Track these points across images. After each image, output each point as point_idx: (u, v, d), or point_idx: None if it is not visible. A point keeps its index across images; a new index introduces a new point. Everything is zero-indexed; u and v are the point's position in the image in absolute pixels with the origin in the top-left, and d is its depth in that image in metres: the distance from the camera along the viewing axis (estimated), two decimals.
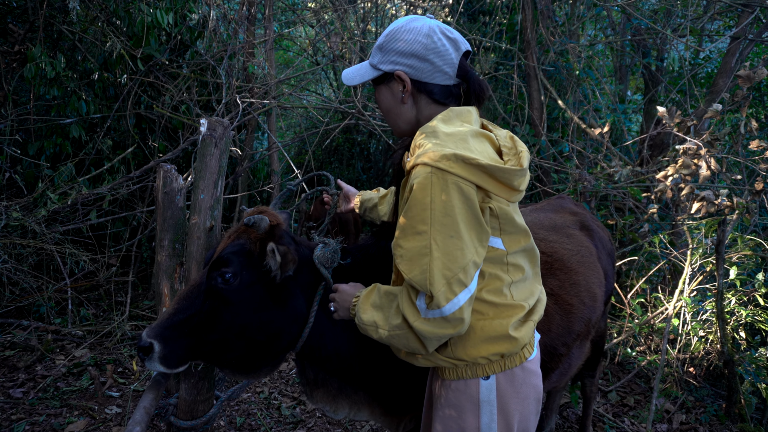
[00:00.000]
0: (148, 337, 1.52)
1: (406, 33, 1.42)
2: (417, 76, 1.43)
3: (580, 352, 2.28)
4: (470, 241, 1.28)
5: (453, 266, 1.26)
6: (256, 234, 1.63)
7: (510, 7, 5.65)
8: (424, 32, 1.41)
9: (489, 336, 1.39)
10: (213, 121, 2.00)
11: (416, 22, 1.43)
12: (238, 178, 5.07)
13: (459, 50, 1.44)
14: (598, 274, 2.37)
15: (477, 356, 1.40)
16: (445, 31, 1.43)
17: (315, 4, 7.64)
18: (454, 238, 1.26)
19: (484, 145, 1.38)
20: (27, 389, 3.23)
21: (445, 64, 1.42)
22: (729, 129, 3.61)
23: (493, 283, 1.40)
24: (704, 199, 3.37)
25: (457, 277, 1.27)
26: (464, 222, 1.28)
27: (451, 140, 1.31)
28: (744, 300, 3.61)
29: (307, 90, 7.20)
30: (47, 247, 3.70)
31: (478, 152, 1.32)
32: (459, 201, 1.27)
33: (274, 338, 1.64)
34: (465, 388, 1.44)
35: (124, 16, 4.19)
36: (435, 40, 1.40)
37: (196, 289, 1.59)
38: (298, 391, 3.57)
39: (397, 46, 1.43)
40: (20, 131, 4.23)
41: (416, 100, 1.47)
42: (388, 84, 1.48)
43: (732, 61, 4.78)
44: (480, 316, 1.40)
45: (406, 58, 1.42)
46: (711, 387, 3.79)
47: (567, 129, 5.07)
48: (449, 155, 1.26)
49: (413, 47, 1.41)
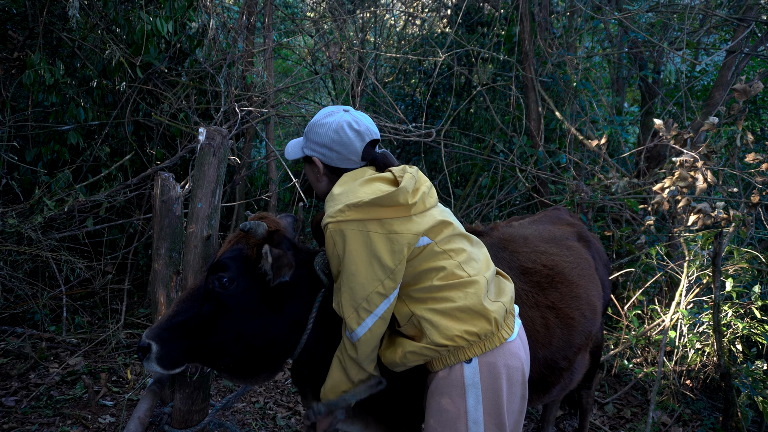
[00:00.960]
0: (147, 337, 1.57)
1: (320, 127, 1.71)
2: (328, 162, 1.73)
3: (581, 366, 2.28)
4: (372, 275, 1.53)
5: (357, 296, 1.54)
6: (254, 239, 1.65)
7: (508, 18, 5.68)
8: (333, 128, 1.68)
9: (459, 315, 1.55)
10: (211, 130, 2.00)
11: (330, 118, 1.71)
12: (235, 186, 5.07)
13: (363, 141, 1.70)
14: (597, 286, 2.37)
15: (453, 335, 1.53)
16: (353, 124, 1.69)
17: (314, 14, 7.68)
18: (355, 275, 1.53)
19: (373, 185, 1.61)
20: (20, 398, 3.20)
21: (350, 153, 1.69)
22: (725, 142, 3.63)
23: (441, 271, 1.58)
24: (701, 212, 3.38)
25: (361, 305, 1.54)
26: (364, 261, 1.53)
27: (342, 197, 1.58)
28: (740, 312, 3.61)
29: (306, 99, 7.22)
30: (43, 254, 3.68)
31: (366, 194, 1.55)
32: (356, 245, 1.53)
33: (270, 344, 1.65)
34: (450, 374, 1.57)
35: (124, 24, 4.20)
36: (341, 134, 1.68)
37: (196, 292, 1.62)
38: (294, 402, 3.54)
39: (313, 137, 1.73)
40: (18, 137, 4.22)
41: (330, 179, 1.75)
42: (310, 163, 1.79)
43: (728, 74, 4.81)
44: (446, 301, 1.56)
45: (319, 147, 1.72)
46: (708, 400, 3.78)
47: (564, 140, 5.09)
48: (342, 208, 1.53)
49: (323, 140, 1.70)
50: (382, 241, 1.53)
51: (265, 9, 5.27)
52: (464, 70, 5.61)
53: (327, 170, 1.74)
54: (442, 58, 5.01)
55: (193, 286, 1.66)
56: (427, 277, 1.58)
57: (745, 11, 4.65)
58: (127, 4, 4.64)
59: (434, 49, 5.73)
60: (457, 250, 1.63)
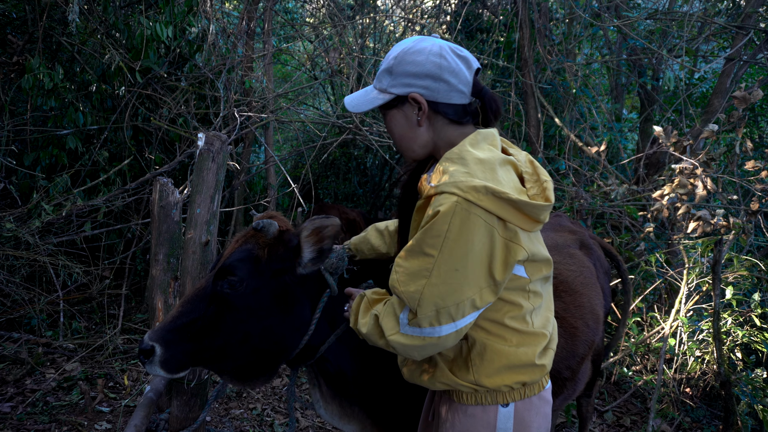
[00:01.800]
0: (150, 340, 1.51)
1: (416, 54, 1.36)
2: (433, 97, 1.37)
3: (584, 375, 2.27)
4: (475, 281, 1.25)
5: (447, 298, 1.24)
6: (264, 239, 1.61)
7: (507, 25, 5.70)
8: (436, 51, 1.36)
9: (513, 364, 1.36)
10: (211, 136, 1.99)
11: (425, 42, 1.38)
12: (234, 191, 5.06)
13: (471, 68, 1.39)
14: (599, 294, 2.36)
15: (501, 384, 1.37)
16: (455, 50, 1.39)
17: (314, 20, 7.70)
18: (459, 272, 1.23)
19: (510, 173, 1.34)
20: (15, 403, 3.18)
21: (460, 83, 1.37)
22: (724, 149, 3.64)
23: (515, 310, 1.36)
24: (700, 219, 3.38)
25: (447, 310, 1.25)
26: (476, 261, 1.24)
27: (480, 169, 1.27)
28: (740, 320, 3.60)
29: (305, 104, 7.22)
30: (40, 259, 3.67)
31: (506, 183, 1.28)
32: (479, 239, 1.23)
33: (276, 345, 1.63)
34: (482, 414, 1.40)
35: (124, 28, 4.21)
36: (448, 59, 1.35)
37: (201, 293, 1.58)
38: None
39: (409, 68, 1.37)
40: (16, 141, 4.22)
41: (432, 121, 1.41)
42: (400, 108, 1.42)
43: (727, 81, 4.83)
44: (504, 343, 1.37)
45: (419, 79, 1.36)
46: (708, 408, 3.76)
47: (564, 147, 5.09)
48: (479, 187, 1.22)
49: (426, 67, 1.35)
50: (501, 247, 1.26)
51: (265, 14, 5.28)
52: None
53: (431, 110, 1.39)
54: None
55: (198, 286, 1.61)
56: (500, 309, 1.36)
57: (744, 19, 4.67)
58: (127, 9, 4.65)
59: None
60: (537, 294, 1.42)
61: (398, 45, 1.41)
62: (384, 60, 1.43)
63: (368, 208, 7.89)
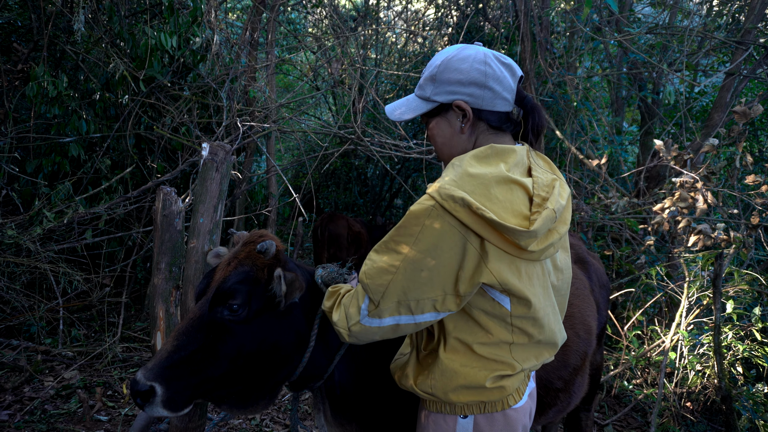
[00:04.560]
0: (146, 379, 1.39)
1: (460, 62, 1.36)
2: (477, 105, 1.37)
3: (579, 388, 2.26)
4: (440, 285, 1.26)
5: (409, 293, 1.27)
6: (263, 260, 1.56)
7: (509, 38, 5.74)
8: (480, 59, 1.36)
9: (470, 384, 1.35)
10: (215, 145, 2.00)
11: (469, 50, 1.37)
12: (235, 200, 5.07)
13: (515, 75, 1.39)
14: (591, 306, 2.37)
15: (455, 400, 1.37)
16: (499, 57, 1.39)
17: (316, 31, 7.75)
18: (424, 273, 1.26)
19: (511, 193, 1.29)
20: (13, 411, 3.16)
21: (504, 90, 1.36)
22: (724, 163, 3.65)
23: (487, 338, 1.35)
24: (701, 233, 3.39)
25: (407, 303, 1.28)
26: (443, 267, 1.25)
27: (469, 182, 1.25)
28: (741, 334, 3.59)
29: (307, 114, 7.25)
30: (41, 266, 3.67)
31: (499, 202, 1.25)
32: (449, 246, 1.24)
33: (280, 366, 1.59)
34: (443, 423, 1.42)
35: (128, 38, 4.24)
36: (492, 66, 1.35)
37: (197, 322, 1.49)
38: (290, 418, 3.50)
39: (453, 76, 1.36)
40: (19, 149, 4.23)
41: (475, 128, 1.40)
42: (444, 115, 1.41)
43: (727, 96, 4.85)
44: (465, 363, 1.36)
45: (464, 86, 1.36)
46: (708, 422, 3.74)
47: (564, 159, 5.11)
48: (457, 198, 1.21)
49: (472, 75, 1.35)
50: (473, 261, 1.25)
51: (268, 25, 5.32)
52: None
53: (474, 117, 1.38)
54: None
55: (192, 315, 1.51)
56: (474, 332, 1.35)
57: (743, 34, 4.71)
58: (131, 19, 4.69)
59: None
60: (523, 333, 1.37)
61: (441, 53, 1.41)
62: (427, 68, 1.43)
63: (369, 217, 7.89)
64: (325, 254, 5.55)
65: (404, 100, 1.47)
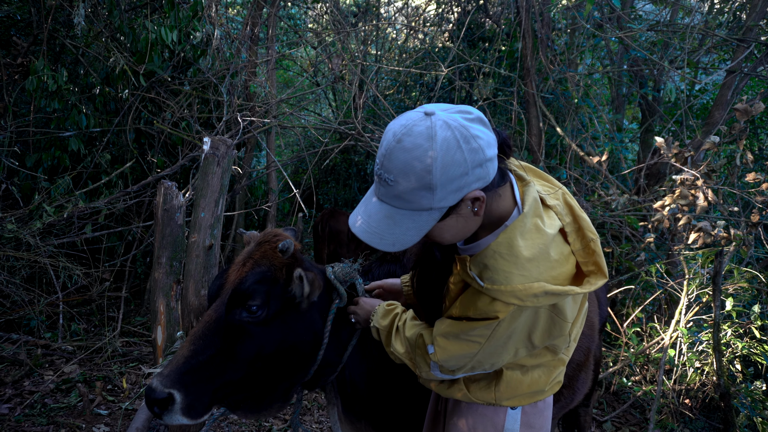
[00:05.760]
0: (164, 387, 1.34)
1: (451, 153, 1.12)
2: (487, 181, 1.19)
3: (583, 385, 2.26)
4: (513, 347, 1.29)
5: (484, 364, 1.33)
6: (281, 259, 1.52)
7: (510, 34, 5.73)
8: (463, 135, 1.13)
9: (534, 390, 1.44)
10: (216, 140, 2.00)
11: (441, 132, 1.13)
12: (235, 195, 5.06)
13: (484, 121, 1.21)
14: (594, 302, 2.37)
15: (517, 404, 1.46)
16: (464, 115, 1.18)
17: (317, 26, 7.73)
18: (499, 349, 1.29)
19: (559, 243, 1.25)
20: (14, 405, 3.17)
21: (494, 146, 1.20)
22: (725, 161, 3.65)
23: (547, 355, 1.41)
24: (701, 230, 3.39)
25: (481, 369, 1.35)
26: (517, 335, 1.27)
27: (534, 266, 1.19)
28: (740, 332, 3.60)
29: (307, 110, 7.24)
30: (41, 260, 3.67)
31: (558, 263, 1.22)
32: (522, 324, 1.25)
33: (298, 366, 1.58)
34: (492, 415, 1.48)
35: (129, 32, 4.22)
36: (475, 132, 1.15)
37: (213, 325, 1.44)
38: (290, 414, 3.51)
39: (455, 172, 1.13)
40: (19, 143, 4.22)
41: (488, 201, 1.25)
42: (453, 213, 1.21)
43: (728, 93, 4.85)
44: (527, 370, 1.43)
45: (469, 175, 1.15)
46: (707, 419, 3.75)
47: (565, 156, 5.10)
48: (539, 293, 1.17)
49: (469, 164, 1.14)
50: (545, 319, 1.26)
51: (269, 20, 5.31)
52: (465, 84, 5.64)
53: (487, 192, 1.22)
54: (444, 73, 5.04)
55: (208, 319, 1.46)
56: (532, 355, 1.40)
57: (745, 32, 4.70)
58: (132, 13, 4.67)
59: (436, 63, 5.76)
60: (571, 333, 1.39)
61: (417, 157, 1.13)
62: (406, 176, 1.15)
63: None
64: (325, 250, 5.55)
65: (391, 220, 1.21)
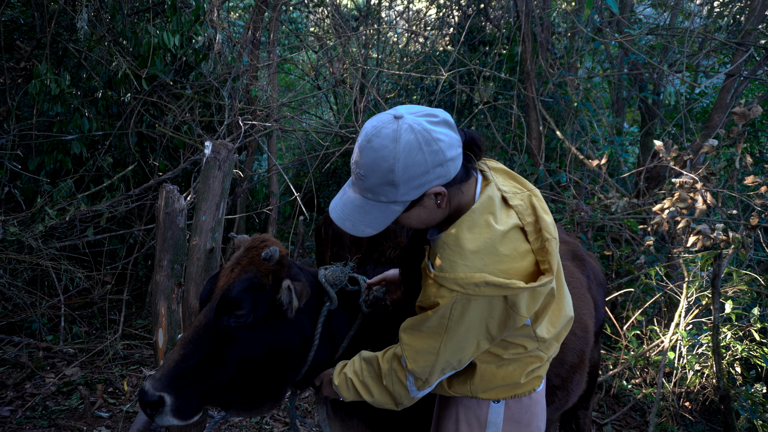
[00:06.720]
0: (155, 390, 1.41)
1: (411, 154, 1.23)
2: (448, 179, 1.29)
3: (577, 387, 2.27)
4: (474, 340, 1.36)
5: (452, 359, 1.39)
6: (267, 266, 1.56)
7: (510, 38, 5.75)
8: (425, 138, 1.23)
9: (508, 382, 1.49)
10: (217, 144, 2.01)
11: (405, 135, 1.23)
12: (237, 199, 5.08)
13: (449, 123, 1.30)
14: (588, 305, 2.38)
15: (493, 397, 1.51)
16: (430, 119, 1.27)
17: (318, 30, 7.76)
18: (461, 343, 1.36)
19: (512, 240, 1.31)
20: (15, 407, 3.18)
21: (456, 146, 1.29)
22: (724, 164, 3.66)
23: (520, 349, 1.46)
24: (700, 233, 3.39)
25: (451, 366, 1.41)
26: (474, 328, 1.34)
27: (478, 258, 1.26)
28: (740, 335, 3.61)
29: (308, 113, 7.26)
30: (43, 263, 3.68)
31: (507, 258, 1.28)
32: (475, 314, 1.31)
33: (287, 368, 1.61)
34: (476, 407, 1.53)
35: (131, 36, 4.25)
36: (435, 136, 1.24)
37: (203, 330, 1.50)
38: (289, 415, 3.52)
39: (416, 171, 1.24)
40: (21, 146, 4.25)
41: (450, 197, 1.35)
42: (417, 205, 1.33)
43: (727, 97, 4.86)
44: (501, 363, 1.48)
45: (429, 174, 1.26)
46: (707, 422, 3.76)
47: (565, 159, 5.12)
48: (479, 282, 1.24)
49: (430, 161, 1.24)
50: (500, 312, 1.32)
51: (270, 24, 5.33)
52: (466, 88, 5.65)
53: (448, 187, 1.33)
54: (445, 76, 5.06)
55: (197, 324, 1.52)
56: (506, 347, 1.45)
57: (744, 36, 4.72)
58: (134, 17, 4.70)
59: (436, 66, 5.78)
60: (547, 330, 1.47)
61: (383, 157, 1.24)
62: (374, 173, 1.26)
63: None
64: (328, 253, 5.55)
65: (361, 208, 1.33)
